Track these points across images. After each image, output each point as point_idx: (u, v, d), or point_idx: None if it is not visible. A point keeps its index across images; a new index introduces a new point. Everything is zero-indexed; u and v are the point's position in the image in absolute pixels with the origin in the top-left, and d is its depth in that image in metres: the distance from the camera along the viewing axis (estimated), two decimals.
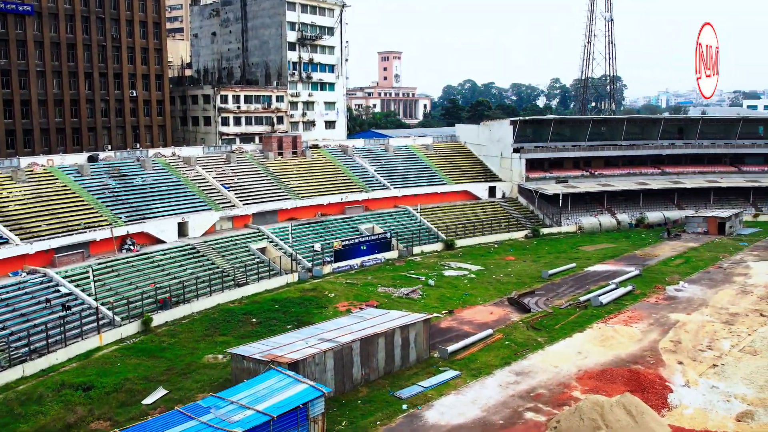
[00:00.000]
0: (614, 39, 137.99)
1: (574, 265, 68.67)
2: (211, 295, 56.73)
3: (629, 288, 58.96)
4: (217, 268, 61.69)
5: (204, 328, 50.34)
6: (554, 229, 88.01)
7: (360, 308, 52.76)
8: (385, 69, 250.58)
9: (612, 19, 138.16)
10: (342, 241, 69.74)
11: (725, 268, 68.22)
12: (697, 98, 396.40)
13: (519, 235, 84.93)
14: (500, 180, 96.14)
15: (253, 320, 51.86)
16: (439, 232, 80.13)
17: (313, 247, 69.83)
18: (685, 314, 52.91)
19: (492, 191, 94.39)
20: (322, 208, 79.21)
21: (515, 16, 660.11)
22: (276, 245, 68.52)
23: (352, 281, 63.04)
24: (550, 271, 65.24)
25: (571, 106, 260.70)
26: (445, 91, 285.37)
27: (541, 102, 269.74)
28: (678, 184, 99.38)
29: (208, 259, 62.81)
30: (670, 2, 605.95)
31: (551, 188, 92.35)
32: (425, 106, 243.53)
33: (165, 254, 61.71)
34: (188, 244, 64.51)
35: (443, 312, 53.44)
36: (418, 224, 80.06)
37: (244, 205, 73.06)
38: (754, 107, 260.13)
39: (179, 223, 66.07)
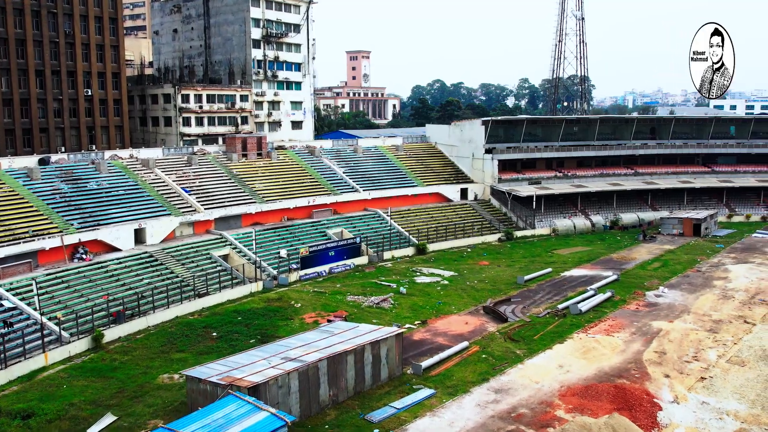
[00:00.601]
0: (585, 38, 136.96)
1: (550, 270, 66.37)
2: (168, 306, 53.21)
3: (608, 294, 56.76)
4: (176, 277, 58.18)
5: (160, 344, 46.86)
6: (528, 232, 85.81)
7: (328, 320, 49.74)
8: (353, 68, 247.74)
9: (583, 18, 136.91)
10: (309, 247, 66.61)
11: (704, 272, 66.48)
12: (663, 98, 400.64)
13: (492, 238, 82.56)
14: (472, 181, 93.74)
15: (214, 334, 48.53)
16: (411, 236, 77.42)
17: (279, 253, 66.64)
18: (667, 322, 50.78)
19: (464, 193, 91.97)
20: (289, 212, 76.00)
21: (483, 16, 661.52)
22: (239, 252, 65.16)
23: (320, 289, 59.98)
24: (526, 277, 62.85)
25: (540, 106, 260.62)
26: (414, 91, 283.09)
27: (510, 102, 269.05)
28: (651, 184, 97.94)
29: (166, 268, 59.21)
30: (634, 1, 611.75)
31: (524, 190, 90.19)
32: (394, 106, 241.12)
33: (120, 263, 57.97)
34: (146, 252, 60.82)
35: (416, 323, 50.64)
36: (389, 228, 77.23)
37: (205, 209, 69.51)
38: (721, 107, 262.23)
39: (136, 230, 62.34)
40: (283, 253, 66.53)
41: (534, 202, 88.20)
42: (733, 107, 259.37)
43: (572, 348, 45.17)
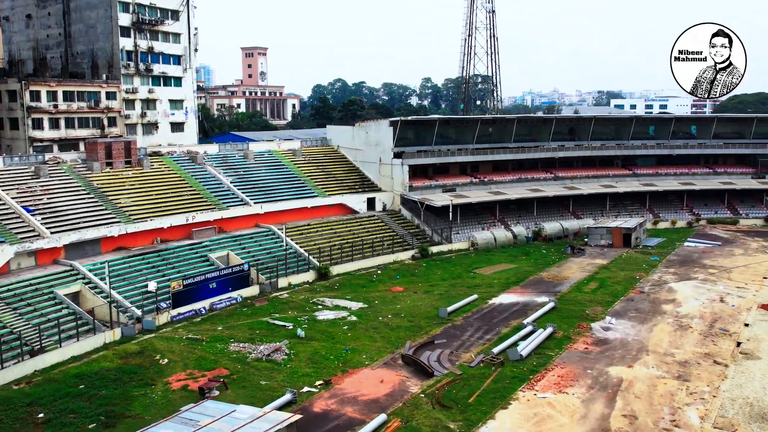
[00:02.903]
0: (496, 32, 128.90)
1: (475, 296, 56.28)
2: None
3: (549, 330, 47.05)
4: (4, 328, 44.39)
5: None
6: (444, 247, 75.82)
7: (200, 389, 37.57)
8: (249, 66, 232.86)
9: (494, 11, 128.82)
10: (184, 278, 53.82)
11: (648, 293, 58.14)
12: (560, 98, 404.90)
13: (405, 256, 72.02)
14: (380, 190, 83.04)
15: (40, 416, 35.41)
16: (311, 257, 65.80)
17: (147, 286, 53.66)
18: (626, 367, 41.44)
19: (371, 203, 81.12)
20: (163, 232, 62.89)
21: (384, 14, 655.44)
22: (95, 288, 51.75)
23: (197, 335, 47.52)
24: (449, 308, 52.43)
25: (443, 106, 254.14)
26: (314, 90, 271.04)
27: (413, 101, 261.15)
28: (574, 190, 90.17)
29: None
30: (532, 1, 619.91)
31: (438, 199, 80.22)
32: (294, 106, 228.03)
33: None
34: None
35: (317, 383, 39.12)
36: (285, 248, 65.34)
37: (53, 233, 55.53)
38: (621, 106, 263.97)
39: None
40: (152, 286, 53.55)
41: (450, 213, 78.34)
42: (633, 107, 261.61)
43: (520, 416, 34.81)
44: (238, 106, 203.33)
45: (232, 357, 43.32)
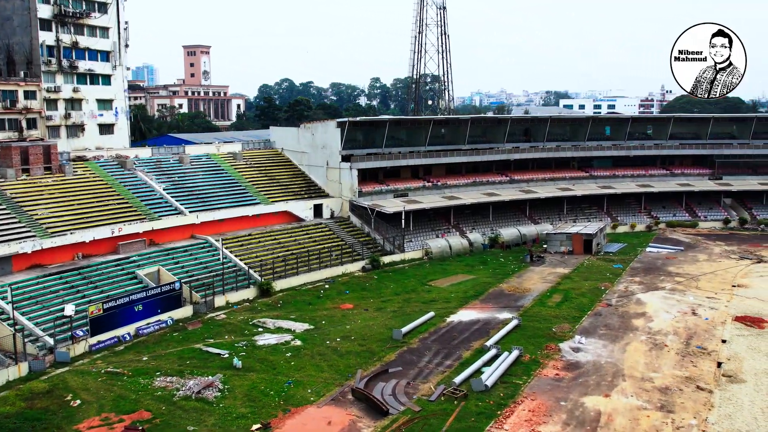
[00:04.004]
0: (448, 29, 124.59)
1: (432, 314, 51.49)
2: None
3: (515, 353, 42.53)
4: None
5: None
6: (397, 257, 70.95)
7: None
8: (192, 65, 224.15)
9: (444, 7, 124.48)
10: (104, 302, 47.61)
11: (615, 306, 54.25)
12: (508, 98, 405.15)
13: (355, 267, 66.90)
14: (328, 195, 77.78)
15: None
16: (252, 271, 60.18)
17: (63, 311, 47.36)
18: (603, 397, 37.12)
19: (318, 210, 75.77)
20: (85, 247, 56.46)
21: (331, 12, 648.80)
22: (0, 314, 45.24)
23: (117, 368, 41.52)
24: (404, 329, 47.48)
25: (392, 106, 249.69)
26: (261, 90, 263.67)
27: (362, 102, 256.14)
28: (530, 193, 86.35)
29: None
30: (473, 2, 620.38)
31: (390, 205, 75.34)
32: (239, 106, 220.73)
33: None
34: None
35: (254, 428, 33.68)
36: (223, 262, 59.52)
37: None
38: (570, 107, 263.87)
39: None
40: (69, 310, 47.30)
41: (402, 220, 73.52)
42: (582, 107, 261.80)
43: None
44: (180, 106, 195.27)
45: (156, 395, 37.53)
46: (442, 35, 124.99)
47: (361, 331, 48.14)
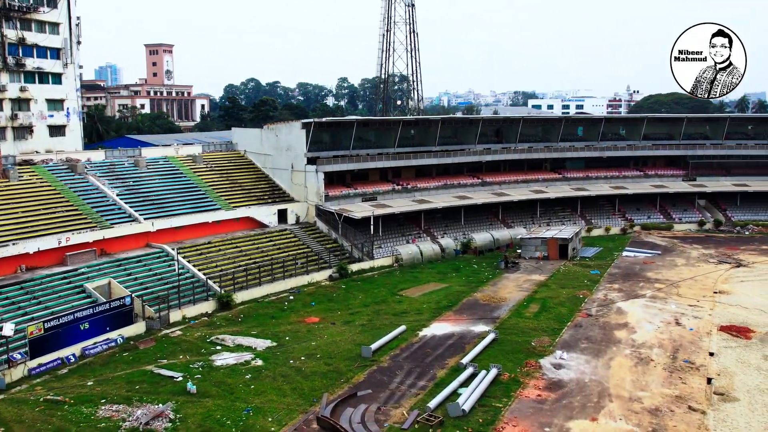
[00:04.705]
0: (416, 27, 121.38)
1: (403, 328, 48.30)
2: None
3: (494, 371, 39.51)
4: None
5: None
6: (366, 264, 67.66)
7: None
8: (154, 64, 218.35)
9: (413, 4, 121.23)
10: (46, 320, 43.54)
11: (596, 316, 51.62)
12: (475, 98, 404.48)
13: (322, 276, 63.47)
14: (293, 200, 74.23)
15: None
16: (211, 282, 56.39)
17: (1, 330, 43.12)
18: (589, 421, 34.28)
19: (282, 216, 72.16)
20: (28, 258, 52.27)
21: (297, 11, 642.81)
22: None
23: (58, 396, 37.61)
24: (374, 345, 44.21)
25: (360, 106, 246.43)
26: (226, 90, 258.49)
27: (329, 102, 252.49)
28: (503, 196, 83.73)
29: None
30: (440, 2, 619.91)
31: (358, 209, 72.01)
32: (203, 106, 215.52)
33: None
34: None
35: None
36: (179, 272, 55.70)
37: None
38: (539, 107, 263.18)
39: None
40: (8, 329, 42.80)
41: (371, 225, 70.27)
42: (551, 107, 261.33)
43: None
44: (142, 107, 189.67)
45: (100, 427, 33.80)
46: (410, 33, 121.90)
47: (328, 348, 44.76)
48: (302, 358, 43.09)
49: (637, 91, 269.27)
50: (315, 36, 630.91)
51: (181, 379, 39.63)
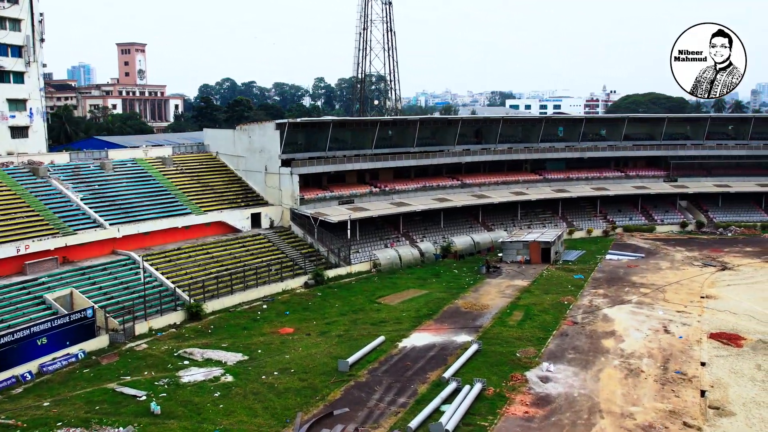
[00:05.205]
0: (394, 26, 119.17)
1: (382, 338, 46.06)
2: None
3: (478, 386, 37.38)
4: None
5: None
6: (343, 270, 65.33)
7: None
8: (126, 63, 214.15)
9: (390, 2, 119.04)
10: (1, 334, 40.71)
11: (582, 324, 49.75)
12: (453, 98, 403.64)
13: (297, 283, 61.04)
14: (267, 203, 71.67)
15: None
16: (180, 291, 53.67)
17: None
18: None
19: (256, 220, 69.61)
20: None
21: (273, 10, 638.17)
22: None
23: (9, 419, 34.89)
24: (351, 358, 41.90)
25: (337, 107, 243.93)
26: (201, 90, 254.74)
27: (306, 102, 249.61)
28: (483, 198, 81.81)
29: None
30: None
31: (335, 213, 69.67)
32: (177, 106, 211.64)
33: None
34: None
35: None
36: (145, 281, 52.96)
37: None
38: (516, 107, 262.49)
39: None
40: None
41: (348, 229, 67.93)
42: (528, 107, 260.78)
43: None
44: (114, 107, 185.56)
45: None
46: (388, 32, 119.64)
47: (302, 362, 42.37)
48: (275, 373, 40.65)
49: (614, 92, 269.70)
50: (292, 35, 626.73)
51: (144, 398, 37.03)
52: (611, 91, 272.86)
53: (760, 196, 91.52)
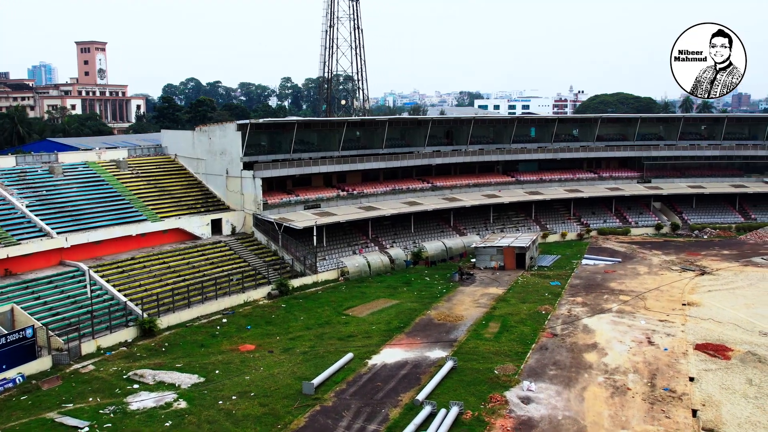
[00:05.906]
0: (361, 24, 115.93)
1: (351, 356, 42.82)
2: None
3: (454, 410, 34.36)
4: None
5: None
6: (309, 279, 62.00)
7: None
8: (86, 62, 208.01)
9: None
10: None
11: (562, 336, 47.05)
12: (420, 99, 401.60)
13: (260, 294, 57.58)
14: (228, 209, 68.06)
15: None
16: (133, 305, 49.89)
17: None
18: None
19: (217, 226, 65.98)
20: None
21: (239, 9, 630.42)
22: None
23: None
24: (316, 380, 38.60)
25: (304, 107, 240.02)
26: (165, 90, 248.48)
27: (273, 102, 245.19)
28: (454, 201, 79.03)
29: None
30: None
31: (300, 218, 66.30)
32: (139, 107, 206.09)
33: None
34: None
35: None
36: (96, 294, 49.09)
37: None
38: (485, 107, 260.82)
39: None
40: None
41: (314, 236, 64.62)
42: (497, 107, 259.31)
43: None
44: (73, 107, 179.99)
45: None
46: (355, 29, 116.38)
47: (264, 384, 38.98)
48: (233, 397, 37.21)
49: (582, 92, 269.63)
50: (258, 33, 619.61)
51: (87, 429, 33.38)
52: (579, 92, 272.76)
53: (734, 198, 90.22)
